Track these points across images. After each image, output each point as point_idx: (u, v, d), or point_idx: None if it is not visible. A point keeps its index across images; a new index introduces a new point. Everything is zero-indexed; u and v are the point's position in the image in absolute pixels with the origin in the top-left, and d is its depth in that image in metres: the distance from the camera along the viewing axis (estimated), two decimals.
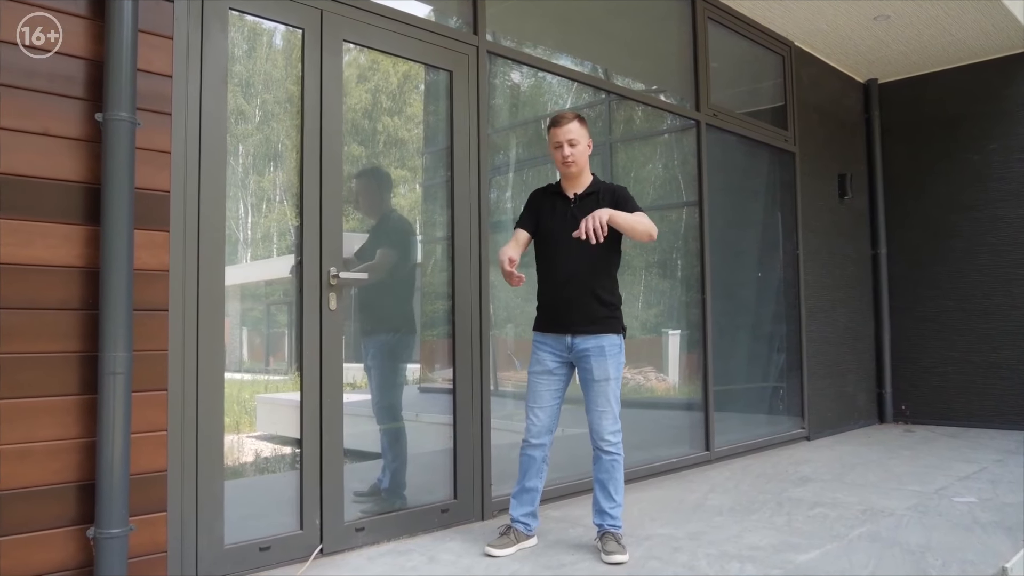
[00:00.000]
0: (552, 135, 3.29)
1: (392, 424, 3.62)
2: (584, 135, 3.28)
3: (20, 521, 2.38)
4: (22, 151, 2.43)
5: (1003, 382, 6.56)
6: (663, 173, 5.37)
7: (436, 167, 3.89)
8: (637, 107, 5.08)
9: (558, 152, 3.27)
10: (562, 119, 3.27)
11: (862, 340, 7.06)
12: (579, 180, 3.33)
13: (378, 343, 3.60)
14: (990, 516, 3.72)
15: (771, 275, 6.20)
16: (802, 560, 3.09)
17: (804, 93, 6.47)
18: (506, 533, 3.28)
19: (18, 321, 2.41)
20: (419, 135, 3.91)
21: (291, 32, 3.24)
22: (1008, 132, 6.63)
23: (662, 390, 5.23)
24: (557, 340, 3.28)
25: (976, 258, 6.76)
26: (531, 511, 3.32)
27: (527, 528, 3.32)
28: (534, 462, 3.29)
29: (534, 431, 3.28)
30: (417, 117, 3.89)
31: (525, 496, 3.31)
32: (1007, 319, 6.57)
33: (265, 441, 3.25)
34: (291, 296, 3.24)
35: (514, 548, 3.24)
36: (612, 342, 3.24)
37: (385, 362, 3.61)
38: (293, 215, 3.25)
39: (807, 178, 6.43)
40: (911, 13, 5.82)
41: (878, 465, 5.10)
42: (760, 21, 5.93)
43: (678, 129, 5.37)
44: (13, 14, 2.44)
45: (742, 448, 5.51)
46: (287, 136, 3.24)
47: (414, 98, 3.88)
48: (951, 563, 3.03)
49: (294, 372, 3.21)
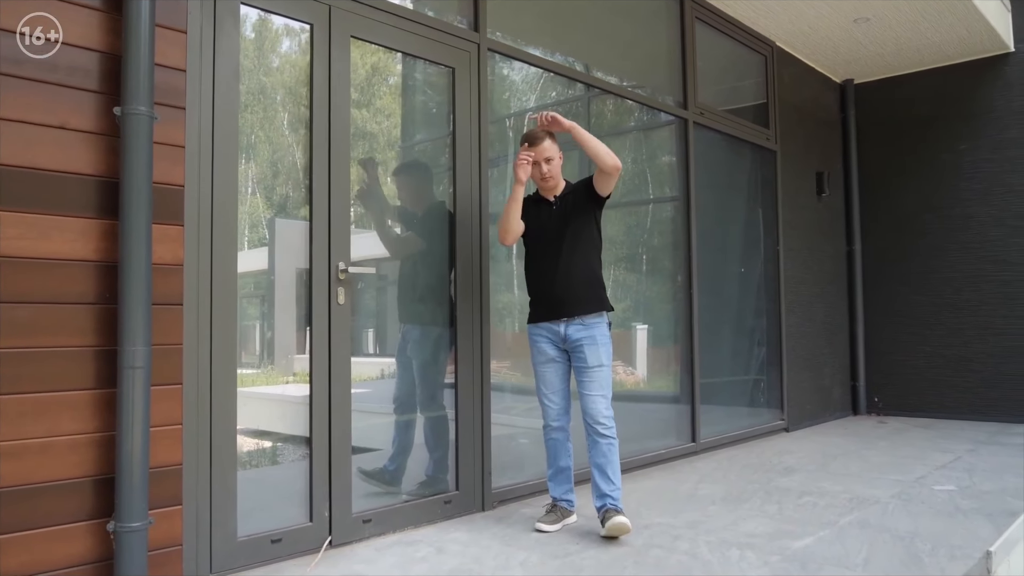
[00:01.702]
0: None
1: (437, 412, 3.76)
2: (556, 149, 3.49)
3: (42, 515, 2.38)
4: (43, 145, 2.42)
5: (972, 375, 6.79)
6: (650, 169, 5.46)
7: (433, 159, 3.93)
8: (623, 103, 5.16)
9: (535, 170, 3.46)
10: (535, 138, 3.44)
11: (838, 334, 7.25)
12: (557, 188, 3.55)
13: (417, 333, 3.75)
14: (970, 503, 3.88)
15: (753, 270, 6.34)
16: (798, 546, 3.20)
17: (785, 92, 6.61)
18: (552, 511, 3.54)
19: (40, 316, 2.40)
20: (389, 128, 3.94)
21: (300, 28, 3.25)
22: (978, 133, 6.85)
23: (631, 383, 5.33)
24: (552, 329, 3.47)
25: (947, 255, 6.99)
26: (568, 487, 3.58)
27: (570, 504, 3.58)
28: (559, 444, 3.52)
29: (552, 415, 3.49)
30: (387, 110, 3.90)
31: (560, 476, 3.55)
32: (976, 314, 6.80)
33: (246, 436, 3.25)
34: (263, 289, 3.29)
35: (560, 524, 3.50)
36: (603, 332, 3.46)
37: (425, 352, 3.73)
38: (266, 207, 3.29)
39: (787, 175, 6.58)
40: (890, 16, 5.99)
41: (858, 455, 5.27)
42: (744, 21, 6.05)
43: (664, 125, 5.46)
44: (27, 7, 2.42)
45: (726, 439, 5.64)
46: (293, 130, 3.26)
47: (384, 91, 3.89)
48: (939, 548, 3.16)
49: (266, 365, 3.25)
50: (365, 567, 2.98)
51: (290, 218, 3.34)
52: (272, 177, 3.33)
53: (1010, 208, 6.66)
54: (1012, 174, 6.66)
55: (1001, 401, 6.62)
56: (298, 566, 2.98)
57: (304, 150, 3.26)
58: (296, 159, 3.30)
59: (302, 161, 3.27)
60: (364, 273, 3.43)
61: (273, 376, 3.29)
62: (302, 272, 3.28)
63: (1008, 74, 6.73)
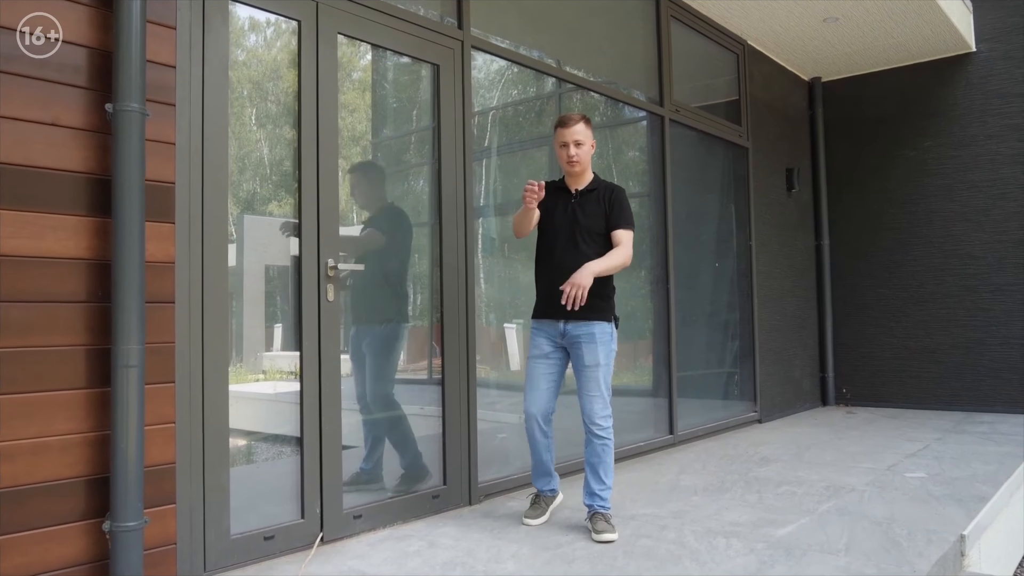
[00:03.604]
0: (558, 135, 3.44)
1: (390, 412, 3.69)
2: (589, 136, 3.44)
3: (37, 516, 2.37)
4: (35, 142, 2.40)
5: (936, 366, 7.00)
6: (627, 166, 5.53)
7: (398, 155, 3.94)
8: (600, 99, 5.21)
9: (563, 151, 3.42)
10: (569, 120, 3.41)
11: (807, 327, 7.41)
12: (582, 178, 3.50)
13: (372, 333, 3.64)
14: (942, 490, 4.02)
15: (726, 265, 6.46)
16: (782, 534, 3.29)
17: (756, 90, 6.74)
18: (536, 503, 3.59)
19: (33, 315, 2.38)
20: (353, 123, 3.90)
21: (287, 24, 3.24)
22: (942, 130, 7.05)
23: None
24: (551, 326, 3.45)
25: (911, 249, 7.18)
26: (549, 478, 3.60)
27: (552, 492, 3.64)
28: (537, 438, 3.50)
29: (533, 410, 3.45)
30: (350, 105, 3.86)
31: (541, 468, 3.57)
32: (940, 307, 7.00)
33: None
34: (232, 287, 3.27)
35: (547, 514, 3.58)
36: (603, 329, 3.39)
37: (379, 351, 3.66)
38: (233, 204, 3.27)
39: (759, 172, 6.71)
40: (859, 16, 6.13)
41: (830, 445, 5.40)
42: (717, 20, 6.15)
43: (641, 122, 5.54)
44: (22, 5, 2.39)
45: (702, 431, 5.75)
46: (285, 129, 3.25)
47: (348, 87, 3.85)
48: (916, 532, 3.28)
49: (238, 364, 3.23)
50: (359, 562, 2.99)
51: (259, 214, 3.31)
52: (263, 173, 3.32)
53: (972, 203, 6.86)
54: (974, 171, 6.86)
55: (965, 391, 6.84)
56: (291, 563, 2.98)
57: (288, 146, 3.25)
58: (284, 155, 3.29)
59: (292, 157, 3.26)
60: (354, 270, 3.42)
61: (242, 374, 3.26)
62: (272, 268, 3.28)
63: (970, 73, 6.93)
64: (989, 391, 6.73)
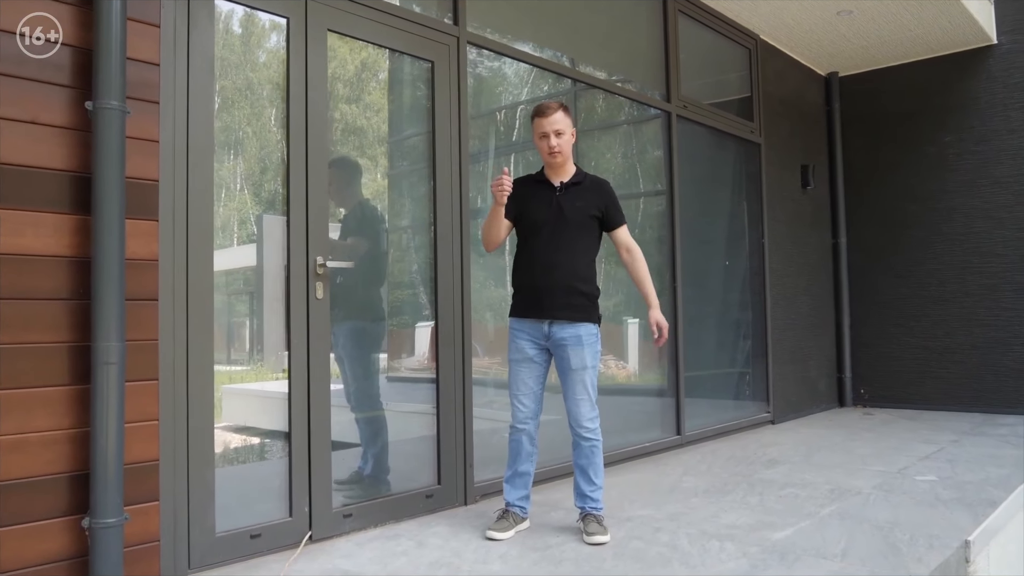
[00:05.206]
0: (537, 125, 3.30)
1: (372, 412, 3.66)
2: (569, 124, 3.30)
3: (16, 512, 2.37)
4: (13, 140, 2.40)
5: (957, 366, 6.83)
6: (634, 162, 5.46)
7: (401, 156, 3.92)
8: (606, 97, 5.15)
9: (544, 142, 3.28)
10: (547, 109, 3.27)
11: (823, 326, 7.28)
12: (564, 169, 3.36)
13: (349, 331, 3.59)
14: (951, 493, 3.90)
15: (738, 264, 6.36)
16: (778, 537, 3.22)
17: (769, 86, 6.62)
18: (504, 517, 3.34)
19: (13, 312, 2.39)
20: (377, 124, 3.91)
21: (275, 21, 3.23)
22: (962, 125, 6.87)
23: (623, 377, 5.34)
24: (534, 327, 3.31)
25: (931, 247, 7.01)
26: (525, 494, 3.39)
27: (523, 511, 3.39)
28: (524, 447, 3.35)
29: (520, 416, 3.34)
30: (376, 105, 3.87)
31: (518, 480, 3.37)
32: (960, 306, 6.83)
33: (232, 432, 3.24)
34: (252, 286, 3.27)
35: (512, 531, 3.31)
36: (589, 331, 3.29)
37: (357, 351, 3.62)
38: (254, 204, 3.27)
39: (772, 168, 6.60)
40: (873, 8, 6.00)
41: (842, 447, 5.29)
42: (728, 15, 6.05)
43: (648, 119, 5.47)
44: None
45: (711, 432, 5.66)
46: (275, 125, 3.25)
47: (373, 86, 3.87)
48: (918, 538, 3.18)
49: (256, 362, 3.24)
50: (344, 561, 2.97)
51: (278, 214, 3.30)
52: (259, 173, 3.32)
53: (994, 200, 6.68)
54: (996, 166, 6.68)
55: (986, 392, 6.66)
56: (277, 561, 2.97)
57: (278, 144, 3.24)
58: (276, 154, 3.29)
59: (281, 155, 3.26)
60: (343, 267, 3.41)
61: (263, 373, 3.27)
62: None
63: (991, 66, 6.75)
64: (1012, 392, 6.54)
